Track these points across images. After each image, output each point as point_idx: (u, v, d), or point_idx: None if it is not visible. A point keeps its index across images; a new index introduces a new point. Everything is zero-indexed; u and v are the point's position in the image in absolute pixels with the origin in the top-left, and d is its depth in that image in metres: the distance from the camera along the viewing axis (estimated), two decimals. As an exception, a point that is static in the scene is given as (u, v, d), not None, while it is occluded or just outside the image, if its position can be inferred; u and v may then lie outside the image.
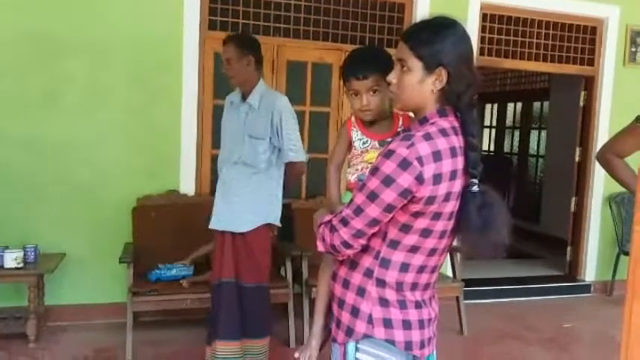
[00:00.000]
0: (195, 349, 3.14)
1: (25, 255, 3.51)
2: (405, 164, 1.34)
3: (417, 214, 1.40)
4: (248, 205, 2.92)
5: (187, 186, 4.13)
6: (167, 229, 3.87)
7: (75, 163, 3.91)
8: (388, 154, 1.37)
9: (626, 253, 4.64)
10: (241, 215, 2.92)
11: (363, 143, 1.72)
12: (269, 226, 3.00)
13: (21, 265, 3.48)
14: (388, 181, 1.36)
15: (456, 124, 1.44)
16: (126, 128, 4.00)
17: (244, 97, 2.97)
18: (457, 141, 1.41)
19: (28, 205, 3.84)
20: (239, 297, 2.95)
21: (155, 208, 3.95)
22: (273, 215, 3.00)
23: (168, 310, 3.68)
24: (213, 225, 2.99)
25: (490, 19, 4.91)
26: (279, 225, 3.07)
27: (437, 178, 1.36)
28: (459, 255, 4.14)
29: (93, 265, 3.95)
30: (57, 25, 3.82)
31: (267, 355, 3.06)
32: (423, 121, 1.44)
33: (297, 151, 2.94)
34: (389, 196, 1.36)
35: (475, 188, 1.41)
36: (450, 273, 4.22)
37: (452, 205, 1.41)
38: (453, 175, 1.39)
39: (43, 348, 3.55)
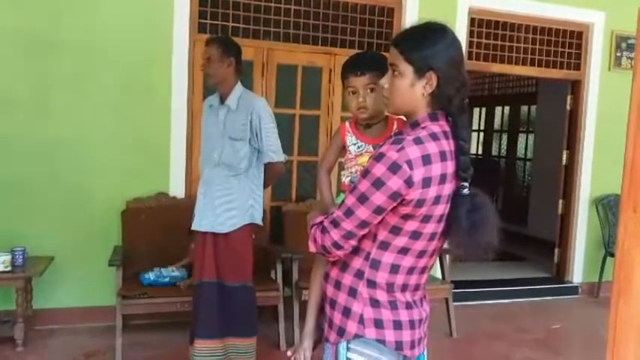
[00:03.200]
0: (185, 352, 3.14)
1: (12, 258, 3.48)
2: (394, 167, 1.36)
3: (406, 217, 1.41)
4: (230, 205, 2.96)
5: (177, 188, 4.13)
6: (156, 232, 3.86)
7: (64, 164, 3.88)
8: (379, 157, 1.39)
9: (613, 255, 4.69)
10: (223, 216, 2.96)
11: (358, 147, 1.75)
12: (251, 225, 3.03)
13: (9, 268, 3.44)
14: (378, 183, 1.38)
15: (447, 129, 1.46)
16: (115, 130, 3.98)
17: (222, 100, 3.01)
18: (447, 145, 1.43)
19: (16, 207, 3.81)
20: (220, 297, 2.97)
21: (144, 211, 3.94)
22: (256, 215, 3.03)
23: (158, 312, 3.66)
24: (196, 226, 3.02)
25: (478, 24, 4.96)
26: (261, 224, 3.11)
27: (426, 182, 1.38)
28: (448, 257, 4.17)
29: (82, 268, 3.93)
30: (46, 25, 3.80)
31: (255, 355, 3.08)
32: (415, 125, 1.46)
33: (275, 152, 3.00)
34: (379, 198, 1.38)
35: (465, 191, 1.43)
36: (439, 275, 4.24)
37: (442, 208, 1.43)
38: (442, 179, 1.41)
39: (31, 352, 3.51)
